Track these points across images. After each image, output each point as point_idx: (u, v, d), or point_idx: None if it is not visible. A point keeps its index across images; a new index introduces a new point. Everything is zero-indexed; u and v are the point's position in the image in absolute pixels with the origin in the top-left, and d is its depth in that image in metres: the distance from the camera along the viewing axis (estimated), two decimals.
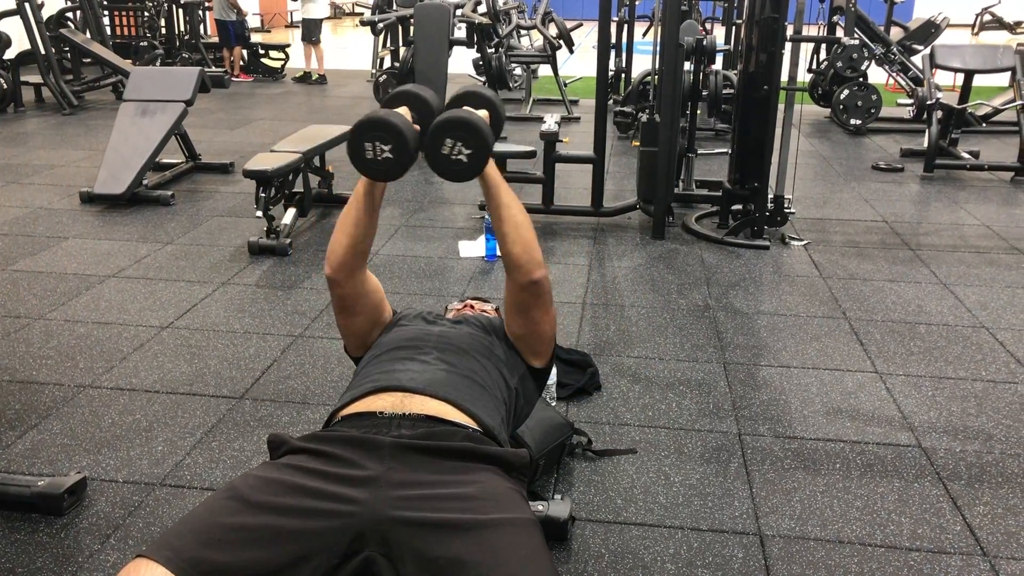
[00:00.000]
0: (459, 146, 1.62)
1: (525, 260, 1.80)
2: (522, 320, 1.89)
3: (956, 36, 14.15)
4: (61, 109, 8.29)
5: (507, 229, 1.80)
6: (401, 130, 1.65)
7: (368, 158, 1.67)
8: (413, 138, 1.68)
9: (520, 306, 1.88)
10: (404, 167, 1.69)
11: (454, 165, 1.65)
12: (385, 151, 1.65)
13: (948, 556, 2.09)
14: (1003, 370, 3.11)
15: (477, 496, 1.44)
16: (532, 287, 1.83)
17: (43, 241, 4.45)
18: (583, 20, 11.11)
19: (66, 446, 2.52)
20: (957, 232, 4.84)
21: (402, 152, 1.66)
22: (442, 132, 1.63)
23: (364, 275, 1.94)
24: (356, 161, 1.70)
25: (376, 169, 1.70)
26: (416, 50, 6.85)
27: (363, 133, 1.66)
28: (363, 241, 1.88)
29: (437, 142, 1.64)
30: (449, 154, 1.63)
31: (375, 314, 1.99)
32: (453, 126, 1.62)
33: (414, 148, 1.69)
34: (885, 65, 8.13)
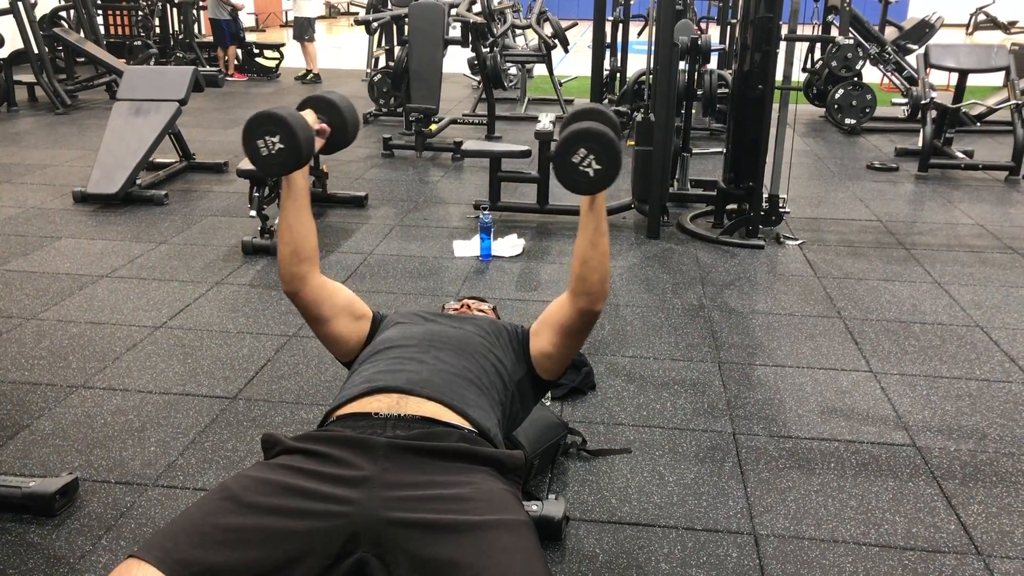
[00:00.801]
0: (591, 159, 1.59)
1: (598, 290, 1.80)
2: (560, 340, 1.88)
3: (950, 36, 14.17)
4: (54, 108, 8.26)
5: (594, 255, 1.78)
6: (282, 117, 1.68)
7: (264, 155, 1.70)
8: (301, 126, 1.69)
9: (568, 329, 1.86)
10: (300, 153, 1.70)
11: (579, 175, 1.62)
12: (276, 142, 1.67)
13: (942, 555, 2.09)
14: (997, 369, 3.11)
15: (471, 497, 1.43)
16: (590, 315, 1.84)
17: (36, 241, 4.43)
18: (578, 19, 11.09)
19: (58, 446, 2.51)
20: (952, 231, 4.85)
21: (291, 138, 1.67)
22: (579, 140, 1.59)
23: (318, 280, 1.93)
24: (255, 162, 1.73)
25: (274, 163, 1.71)
26: (411, 49, 6.84)
27: (251, 133, 1.70)
28: (303, 245, 1.88)
29: (571, 147, 1.60)
30: (579, 163, 1.60)
31: (346, 315, 1.95)
32: (593, 137, 1.58)
33: (305, 135, 1.70)
34: (880, 64, 8.14)
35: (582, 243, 1.78)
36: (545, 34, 8.50)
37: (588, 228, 1.77)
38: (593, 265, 1.78)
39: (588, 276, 1.78)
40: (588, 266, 1.78)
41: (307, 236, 1.90)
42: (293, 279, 1.90)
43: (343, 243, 4.51)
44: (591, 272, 1.78)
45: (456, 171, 6.24)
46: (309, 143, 1.74)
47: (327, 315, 1.93)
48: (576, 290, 1.81)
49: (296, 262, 1.89)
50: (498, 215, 4.84)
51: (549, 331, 1.89)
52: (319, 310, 1.93)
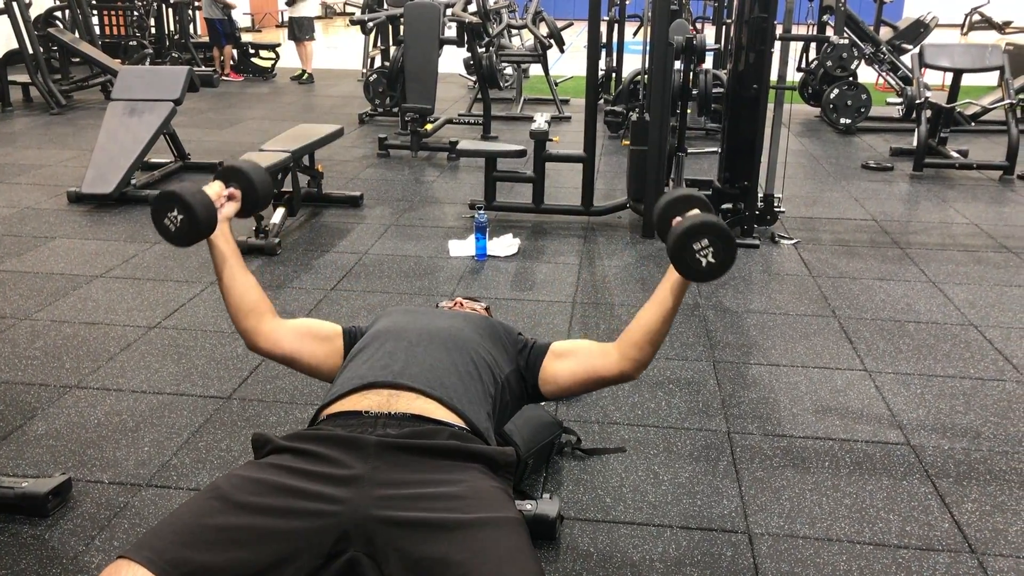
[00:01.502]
0: (710, 251, 1.64)
1: (646, 361, 1.84)
2: (583, 382, 1.91)
3: (945, 36, 14.20)
4: (49, 109, 8.24)
5: (660, 331, 1.80)
6: (179, 195, 1.80)
7: (172, 230, 1.83)
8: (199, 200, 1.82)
9: (598, 380, 1.90)
10: (200, 225, 1.82)
11: (692, 261, 1.66)
12: (177, 216, 1.81)
13: (936, 553, 2.09)
14: (991, 368, 3.11)
15: (462, 495, 1.43)
16: (626, 380, 1.89)
17: (30, 241, 4.42)
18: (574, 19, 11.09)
19: (51, 447, 2.50)
20: (946, 231, 4.85)
21: (189, 210, 1.80)
22: (711, 231, 1.64)
23: (269, 325, 1.95)
24: (166, 237, 1.86)
25: (180, 235, 1.84)
26: (406, 49, 6.84)
27: (156, 213, 1.84)
28: (242, 301, 1.92)
29: (695, 236, 1.65)
30: (697, 251, 1.65)
31: (311, 341, 1.96)
32: (723, 236, 1.64)
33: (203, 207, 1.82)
34: (875, 64, 8.15)
35: (654, 317, 1.79)
36: (541, 34, 8.50)
37: (666, 305, 1.78)
38: (656, 340, 1.81)
39: (646, 347, 1.81)
40: (652, 340, 1.80)
41: (245, 292, 1.93)
42: (247, 334, 1.95)
43: (338, 243, 4.51)
44: (650, 345, 1.81)
45: (452, 171, 6.24)
46: (209, 214, 1.84)
47: (290, 352, 1.95)
48: (628, 355, 1.83)
49: (242, 318, 1.94)
50: (493, 215, 4.83)
51: (578, 366, 1.90)
52: (280, 351, 1.95)
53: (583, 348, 1.93)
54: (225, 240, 1.93)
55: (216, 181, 1.98)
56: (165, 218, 1.81)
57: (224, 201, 1.95)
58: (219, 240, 1.92)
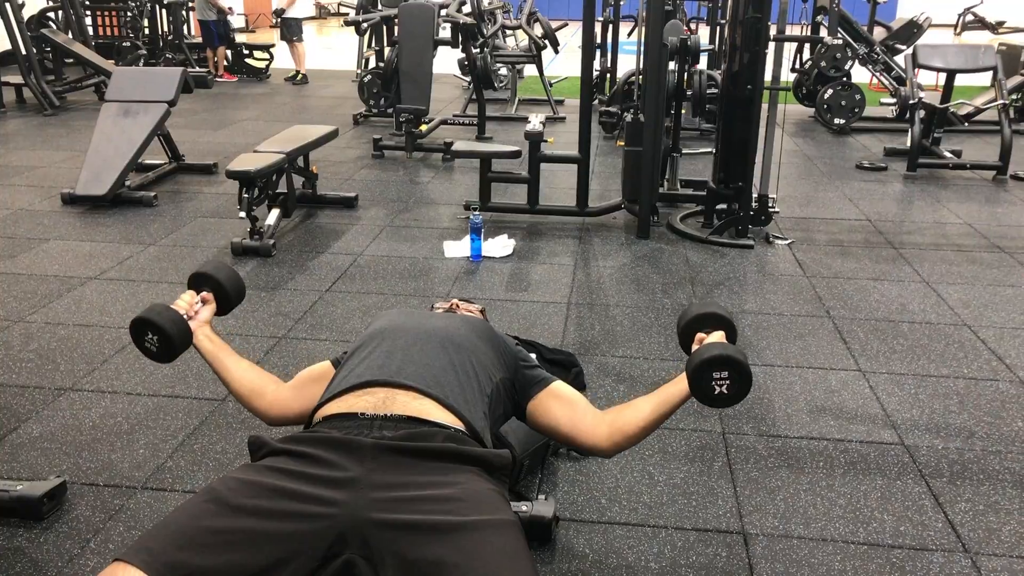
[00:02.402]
0: (727, 383, 1.68)
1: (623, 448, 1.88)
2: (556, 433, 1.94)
3: (938, 36, 14.24)
4: (42, 110, 8.22)
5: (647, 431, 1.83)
6: (149, 320, 1.92)
7: (154, 351, 1.96)
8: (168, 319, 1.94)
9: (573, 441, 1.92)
10: (174, 342, 1.94)
11: (707, 388, 1.70)
12: (154, 340, 1.94)
13: (930, 553, 2.10)
14: (985, 368, 3.13)
15: (458, 497, 1.43)
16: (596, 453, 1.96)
17: (24, 243, 4.41)
18: (568, 20, 11.11)
19: (46, 450, 2.50)
20: (940, 231, 4.87)
21: (162, 333, 1.92)
22: (727, 364, 1.67)
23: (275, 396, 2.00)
24: (150, 357, 1.97)
25: (160, 353, 1.96)
26: (400, 50, 6.84)
27: (135, 339, 1.96)
28: (245, 387, 2.00)
29: (717, 366, 1.68)
30: (715, 379, 1.68)
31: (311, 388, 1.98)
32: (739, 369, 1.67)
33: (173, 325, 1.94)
34: (868, 65, 8.17)
35: (650, 417, 1.81)
36: (535, 35, 8.51)
37: (665, 411, 1.80)
38: (643, 435, 1.84)
39: (633, 439, 1.84)
40: (639, 434, 1.83)
41: (242, 380, 2.01)
42: (259, 415, 2.03)
43: (333, 244, 4.50)
44: (637, 438, 1.84)
45: (446, 172, 6.24)
46: (180, 330, 1.96)
47: (302, 407, 1.95)
48: (613, 439, 1.85)
49: (249, 402, 2.01)
50: (488, 216, 4.84)
51: (563, 418, 1.90)
52: (296, 410, 1.98)
53: (579, 405, 1.94)
54: (209, 341, 2.02)
55: (188, 291, 2.09)
56: (145, 341, 1.94)
57: (198, 308, 2.06)
58: (203, 343, 2.01)
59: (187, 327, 1.99)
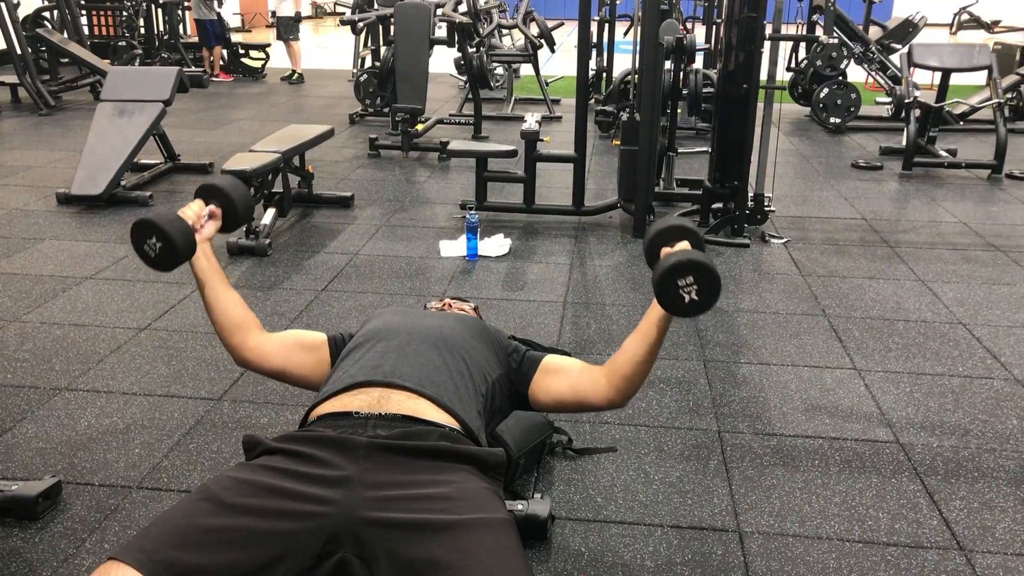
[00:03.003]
0: (694, 288, 1.63)
1: (630, 393, 1.84)
2: (566, 403, 1.92)
3: (934, 35, 14.27)
4: (38, 109, 8.20)
5: (644, 366, 1.80)
6: (153, 222, 1.83)
7: (152, 257, 1.86)
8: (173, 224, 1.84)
9: (583, 404, 1.90)
10: (178, 249, 1.84)
11: (675, 297, 1.65)
12: (155, 244, 1.83)
13: (925, 550, 2.10)
14: (980, 366, 3.13)
15: (452, 496, 1.43)
16: (610, 406, 1.88)
17: (19, 242, 4.40)
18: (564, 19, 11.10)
19: (41, 449, 2.49)
20: (935, 229, 4.88)
21: (166, 238, 1.82)
22: (691, 268, 1.63)
23: (256, 340, 1.97)
24: (147, 263, 1.88)
25: (161, 261, 1.87)
26: (396, 49, 6.83)
27: (135, 242, 1.87)
28: (227, 318, 1.95)
29: (680, 272, 1.64)
30: (681, 287, 1.64)
31: (298, 352, 1.97)
32: (704, 270, 1.63)
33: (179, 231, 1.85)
34: (864, 64, 8.18)
35: (640, 349, 1.79)
36: (531, 34, 8.51)
37: (651, 338, 1.77)
38: (644, 371, 1.81)
39: (635, 379, 1.81)
40: (639, 371, 1.80)
41: (229, 309, 1.96)
42: (234, 350, 1.97)
43: (329, 243, 4.50)
44: (639, 376, 1.81)
45: (442, 171, 6.24)
46: (186, 238, 1.87)
47: (279, 365, 1.96)
48: (616, 385, 1.82)
49: (228, 335, 1.96)
50: (484, 215, 4.84)
51: (564, 387, 1.89)
52: (270, 365, 1.97)
53: (574, 369, 1.92)
54: (206, 259, 1.96)
55: (196, 200, 2.00)
56: (144, 245, 1.85)
57: (204, 221, 1.98)
58: (200, 260, 1.95)
59: (193, 239, 1.90)
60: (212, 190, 2.02)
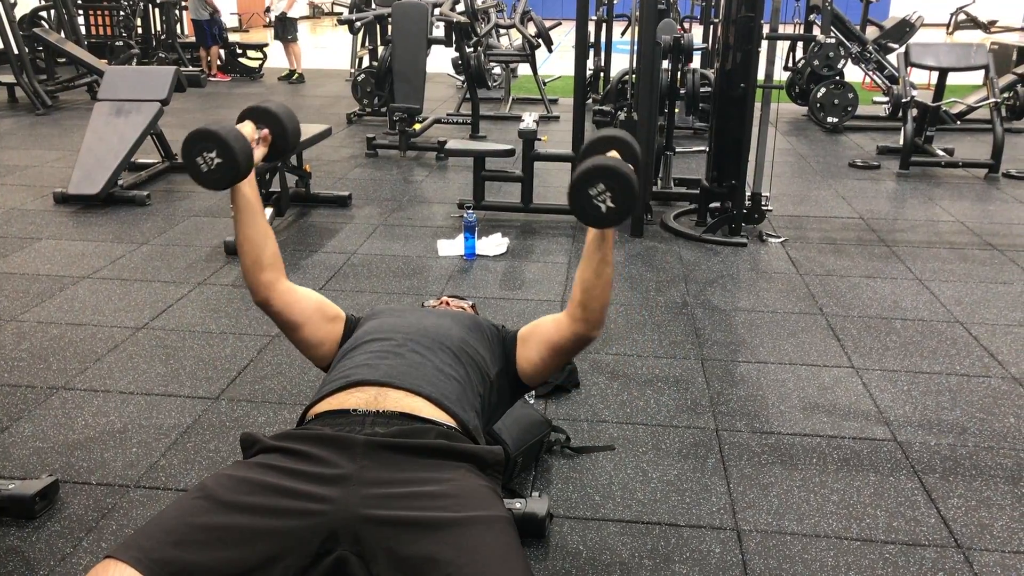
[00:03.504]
0: (607, 195, 1.58)
1: (597, 318, 1.80)
2: (549, 358, 1.88)
3: (931, 35, 14.29)
4: (35, 109, 8.19)
5: (598, 284, 1.77)
6: (218, 133, 1.70)
7: (205, 171, 1.73)
8: (237, 139, 1.72)
9: (560, 349, 1.87)
10: (238, 166, 1.72)
11: (590, 208, 1.61)
12: (213, 157, 1.70)
13: (923, 548, 2.10)
14: (977, 364, 3.14)
15: (450, 494, 1.43)
16: (585, 341, 1.84)
17: (16, 242, 4.39)
18: (562, 19, 11.11)
19: (38, 448, 2.49)
20: (932, 228, 4.88)
21: (228, 153, 1.70)
22: (601, 174, 1.58)
23: (285, 285, 1.93)
24: (197, 179, 1.75)
25: (215, 177, 1.74)
26: (394, 49, 6.83)
27: (190, 151, 1.72)
28: (262, 253, 1.88)
29: (591, 180, 1.59)
30: (593, 196, 1.59)
31: (318, 317, 1.95)
32: (613, 174, 1.57)
33: (242, 148, 1.72)
34: (861, 63, 8.20)
35: (587, 272, 1.77)
36: (529, 33, 8.51)
37: (595, 259, 1.75)
38: (596, 294, 1.77)
39: (590, 304, 1.78)
40: (591, 295, 1.77)
41: (265, 244, 1.89)
42: (259, 288, 1.89)
43: (327, 243, 4.50)
44: (593, 300, 1.78)
45: (440, 170, 6.24)
46: (247, 155, 1.75)
47: (299, 320, 1.93)
48: (575, 316, 1.81)
49: (259, 271, 1.88)
50: (482, 214, 4.83)
51: (539, 345, 1.89)
52: (290, 315, 1.92)
53: (542, 326, 1.91)
54: (251, 186, 1.86)
55: (246, 122, 1.88)
56: (199, 156, 1.70)
57: (255, 144, 1.87)
58: (244, 186, 1.84)
59: (252, 159, 1.76)
60: (264, 114, 1.88)
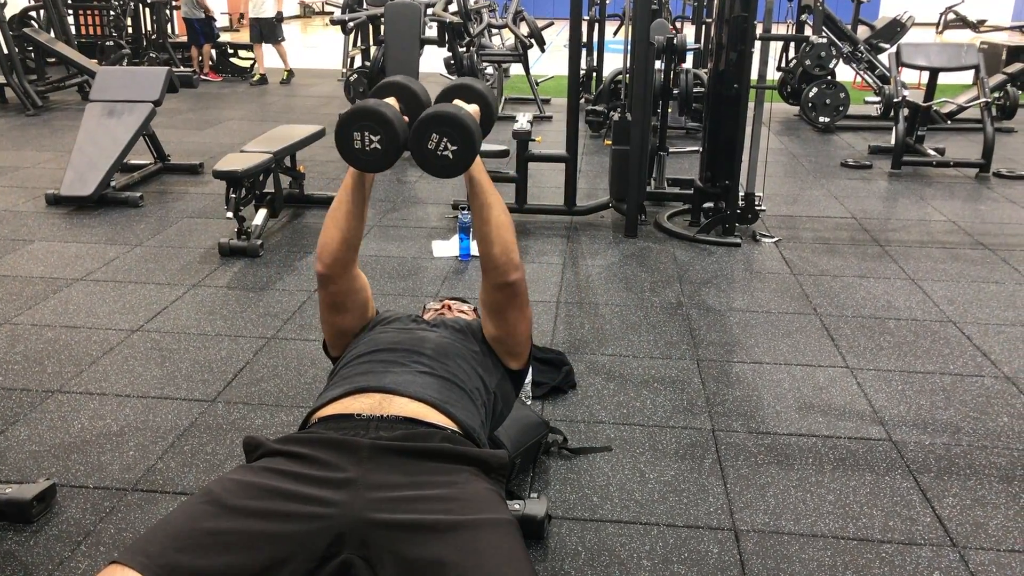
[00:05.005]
0: (445, 142, 1.57)
1: (503, 262, 1.81)
2: (498, 321, 1.89)
3: (921, 34, 14.35)
4: (25, 110, 8.15)
5: (487, 229, 1.79)
6: (391, 121, 1.63)
7: (356, 148, 1.65)
8: (403, 130, 1.66)
9: (495, 307, 1.88)
10: (392, 159, 1.67)
11: (439, 161, 1.60)
12: (374, 141, 1.62)
13: (919, 547, 2.12)
14: (970, 364, 3.16)
15: (455, 497, 1.43)
16: (507, 288, 1.84)
17: (8, 244, 4.37)
18: (554, 19, 11.12)
19: (34, 452, 2.48)
20: (924, 228, 4.91)
21: (391, 143, 1.63)
22: (428, 126, 1.58)
23: (356, 270, 1.93)
24: (344, 150, 1.66)
25: (364, 160, 1.67)
26: (387, 49, 6.82)
27: (353, 122, 1.63)
28: (355, 234, 1.88)
29: (423, 136, 1.59)
30: (435, 149, 1.59)
31: (363, 311, 1.98)
32: (440, 121, 1.57)
33: (403, 140, 1.66)
34: (852, 63, 8.23)
35: (475, 220, 1.82)
36: (521, 34, 8.51)
37: (475, 205, 1.80)
38: (492, 238, 1.79)
39: (489, 251, 1.80)
40: (486, 241, 1.80)
41: (361, 226, 1.90)
42: (336, 263, 1.86)
43: None
44: (491, 245, 1.80)
45: None
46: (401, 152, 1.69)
47: (348, 307, 1.94)
48: (484, 267, 1.83)
49: (345, 248, 1.85)
50: None
51: (486, 317, 1.92)
52: (344, 299, 1.92)
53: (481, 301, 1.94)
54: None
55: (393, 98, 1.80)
56: (358, 133, 1.63)
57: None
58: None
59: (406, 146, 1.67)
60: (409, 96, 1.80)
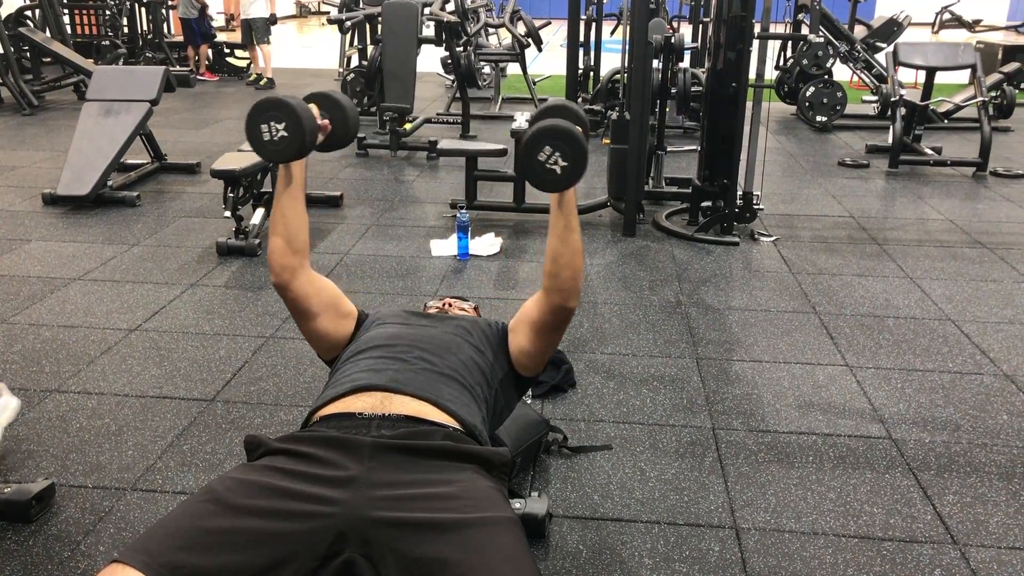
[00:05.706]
0: (557, 156, 1.59)
1: (570, 287, 1.80)
2: (537, 338, 1.88)
3: (917, 34, 14.38)
4: (21, 110, 8.13)
5: (565, 251, 1.77)
6: (292, 106, 1.68)
7: (266, 140, 1.70)
8: (308, 117, 1.70)
9: (543, 327, 1.86)
10: (302, 144, 1.70)
11: (546, 174, 1.62)
12: (280, 129, 1.67)
13: (919, 545, 2.12)
14: (969, 362, 3.16)
15: (458, 495, 1.43)
16: (563, 312, 1.84)
17: (5, 244, 4.36)
18: (551, 18, 11.12)
19: (33, 452, 2.47)
20: (922, 227, 4.92)
21: (297, 127, 1.67)
22: (544, 137, 1.59)
23: (309, 274, 1.91)
24: (255, 146, 1.72)
25: (275, 150, 1.71)
26: (384, 48, 6.81)
27: (258, 115, 1.69)
28: (296, 236, 1.87)
29: (537, 145, 1.60)
30: (545, 161, 1.60)
31: (333, 311, 1.94)
32: (557, 135, 1.58)
33: (311, 128, 1.71)
34: (850, 63, 8.24)
35: (553, 241, 1.79)
36: (518, 33, 8.51)
37: (558, 226, 1.77)
38: (564, 262, 1.78)
39: (560, 273, 1.79)
40: (559, 263, 1.78)
41: (301, 227, 1.88)
42: (284, 270, 1.86)
43: (319, 243, 4.48)
44: (562, 269, 1.79)
45: (431, 170, 6.23)
46: (313, 136, 1.73)
47: (315, 310, 1.91)
48: (549, 287, 1.81)
49: (289, 253, 1.86)
50: (475, 214, 4.83)
51: (526, 328, 1.89)
52: (307, 304, 1.90)
53: (525, 310, 1.91)
54: (302, 167, 1.86)
55: (313, 104, 1.84)
56: (265, 124, 1.67)
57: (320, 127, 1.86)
58: (297, 164, 1.84)
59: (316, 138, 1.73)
60: (330, 101, 1.86)
